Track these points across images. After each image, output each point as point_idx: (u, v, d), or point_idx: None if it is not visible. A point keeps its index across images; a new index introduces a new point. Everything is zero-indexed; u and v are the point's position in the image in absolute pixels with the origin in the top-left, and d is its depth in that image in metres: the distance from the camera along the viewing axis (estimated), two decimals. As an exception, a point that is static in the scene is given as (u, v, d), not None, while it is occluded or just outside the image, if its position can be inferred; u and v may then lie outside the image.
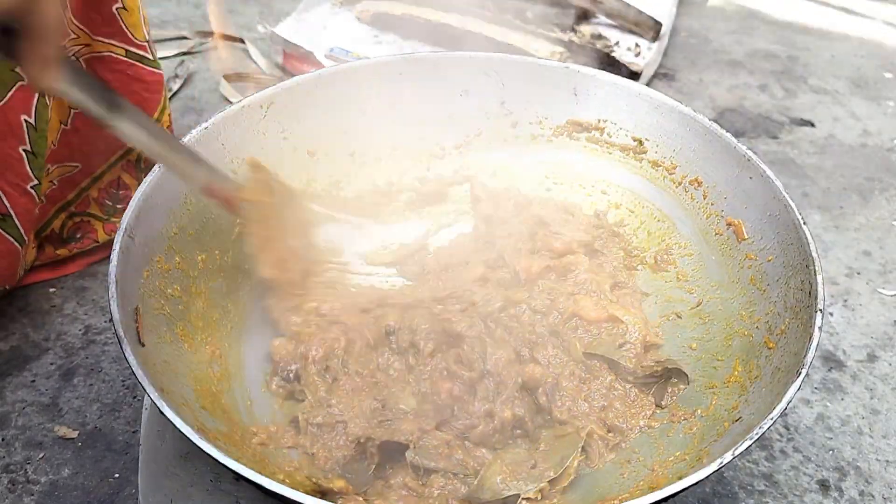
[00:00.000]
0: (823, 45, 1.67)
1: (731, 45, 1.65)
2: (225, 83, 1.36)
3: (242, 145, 0.79)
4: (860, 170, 1.31)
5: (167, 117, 1.00)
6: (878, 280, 1.09)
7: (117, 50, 0.90)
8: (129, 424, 0.84)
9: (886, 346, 0.99)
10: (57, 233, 0.97)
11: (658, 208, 0.85)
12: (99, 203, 1.00)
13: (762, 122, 1.42)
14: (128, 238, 0.65)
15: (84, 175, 0.97)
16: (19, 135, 0.82)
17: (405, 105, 0.88)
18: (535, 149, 0.90)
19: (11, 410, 0.85)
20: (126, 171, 1.00)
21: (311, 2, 1.50)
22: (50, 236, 0.97)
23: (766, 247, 0.74)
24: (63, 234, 0.98)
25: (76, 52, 0.87)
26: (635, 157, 0.86)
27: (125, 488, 0.78)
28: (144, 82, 0.94)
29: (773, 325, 0.69)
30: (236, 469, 0.51)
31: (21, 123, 0.82)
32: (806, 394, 0.92)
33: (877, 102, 1.49)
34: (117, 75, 0.91)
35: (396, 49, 1.39)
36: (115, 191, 1.00)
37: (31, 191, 0.86)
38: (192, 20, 1.57)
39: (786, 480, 0.82)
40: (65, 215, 0.98)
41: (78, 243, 0.99)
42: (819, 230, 1.17)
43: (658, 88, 1.09)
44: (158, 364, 0.61)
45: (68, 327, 0.94)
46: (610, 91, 0.86)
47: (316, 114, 0.84)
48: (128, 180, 1.01)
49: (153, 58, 0.94)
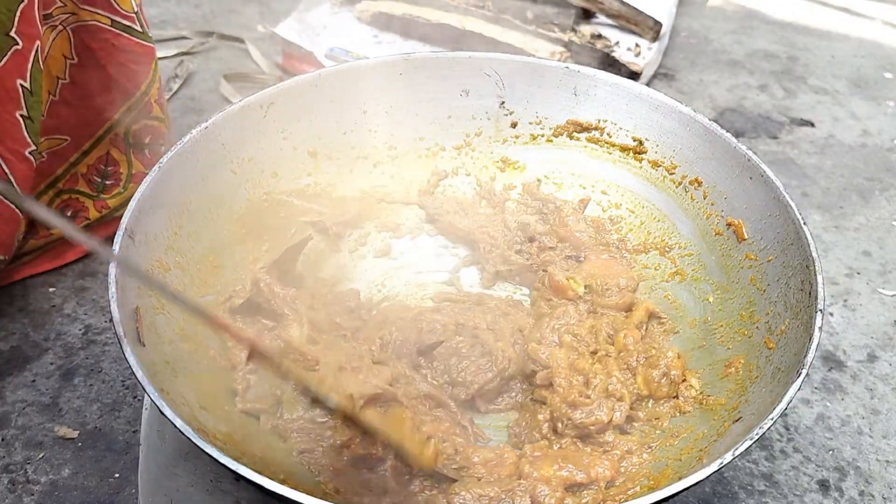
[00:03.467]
0: (823, 45, 1.67)
1: (731, 45, 1.65)
2: (225, 83, 1.36)
3: (242, 145, 0.79)
4: (860, 170, 1.31)
5: (156, 90, 0.99)
6: (878, 280, 1.09)
7: (102, 19, 0.90)
8: (129, 424, 0.84)
9: (886, 346, 0.99)
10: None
11: (658, 208, 0.85)
12: (87, 180, 1.00)
13: (762, 122, 1.42)
14: (128, 238, 0.65)
15: (73, 149, 0.97)
16: (16, 99, 0.82)
17: (405, 105, 0.88)
18: (535, 149, 0.90)
19: (11, 410, 0.85)
20: (114, 145, 1.00)
21: (311, 2, 1.50)
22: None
23: (766, 247, 0.74)
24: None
25: (63, 20, 0.87)
26: (635, 157, 0.86)
27: (125, 488, 0.78)
28: (131, 53, 0.94)
29: (773, 325, 0.69)
30: (236, 469, 0.51)
31: (17, 88, 0.82)
32: (806, 394, 0.92)
33: (877, 102, 1.49)
34: (102, 44, 0.91)
35: (396, 49, 1.39)
36: (104, 167, 1.00)
37: (30, 156, 0.86)
38: (192, 20, 1.57)
39: (786, 480, 0.82)
40: (53, 192, 0.97)
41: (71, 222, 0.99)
42: (819, 230, 1.17)
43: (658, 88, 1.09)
44: (158, 364, 0.61)
45: (68, 327, 0.94)
46: (610, 91, 0.86)
47: (316, 114, 0.84)
48: (116, 156, 1.00)
49: (142, 29, 0.94)
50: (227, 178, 0.78)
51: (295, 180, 0.84)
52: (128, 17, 0.91)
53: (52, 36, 0.87)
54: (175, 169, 0.73)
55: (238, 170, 0.79)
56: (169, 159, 0.72)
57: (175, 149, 0.73)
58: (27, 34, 0.79)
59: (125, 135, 0.99)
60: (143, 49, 0.94)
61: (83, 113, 0.94)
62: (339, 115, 0.86)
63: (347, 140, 0.87)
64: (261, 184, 0.81)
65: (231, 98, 1.33)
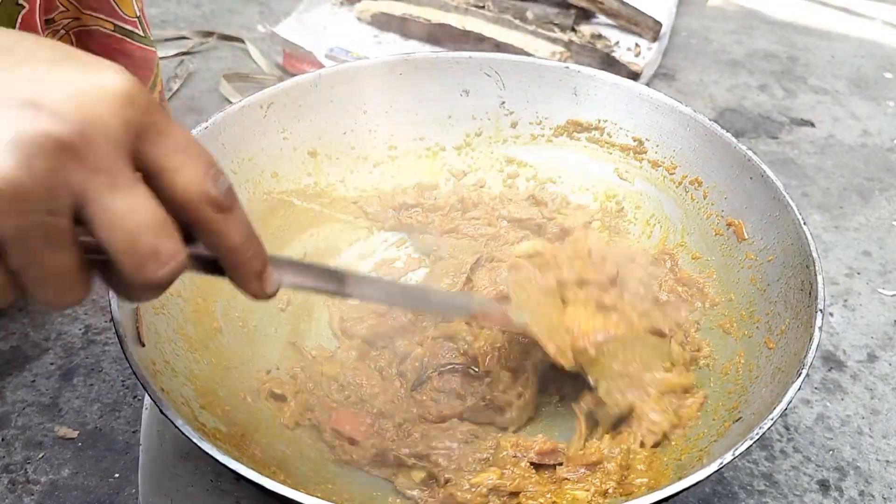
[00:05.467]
0: (823, 45, 1.67)
1: (731, 45, 1.65)
2: (225, 83, 1.36)
3: (242, 145, 0.79)
4: (860, 170, 1.31)
5: (158, 95, 0.98)
6: (878, 280, 1.09)
7: (105, 24, 0.89)
8: (129, 424, 0.84)
9: (886, 346, 0.99)
10: None
11: (658, 208, 0.85)
12: None
13: (762, 122, 1.42)
14: (128, 238, 0.64)
15: None
16: None
17: (405, 105, 0.88)
18: (535, 149, 0.90)
19: (11, 410, 0.85)
20: None
21: (311, 2, 1.50)
22: None
23: (766, 247, 0.74)
24: None
25: (65, 24, 0.87)
26: (635, 157, 0.86)
27: (125, 488, 0.78)
28: (133, 58, 0.93)
29: (773, 325, 0.69)
30: (236, 469, 0.51)
31: None
32: (806, 394, 0.92)
33: (877, 102, 1.49)
34: (105, 49, 0.91)
35: (396, 49, 1.39)
36: None
37: None
38: (192, 20, 1.57)
39: (786, 480, 0.82)
40: None
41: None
42: (819, 230, 1.17)
43: (658, 88, 1.09)
44: (158, 364, 0.61)
45: (68, 327, 0.94)
46: (610, 91, 0.86)
47: (316, 114, 0.84)
48: None
49: (144, 34, 0.93)
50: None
51: (295, 180, 0.84)
52: (130, 21, 0.91)
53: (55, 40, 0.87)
54: (175, 169, 0.72)
55: (238, 170, 0.79)
56: (169, 159, 0.72)
57: (175, 149, 0.73)
58: None
59: None
60: (143, 53, 0.94)
61: None
62: (339, 115, 0.86)
63: (347, 140, 0.87)
64: (261, 184, 0.81)
65: (231, 98, 1.33)
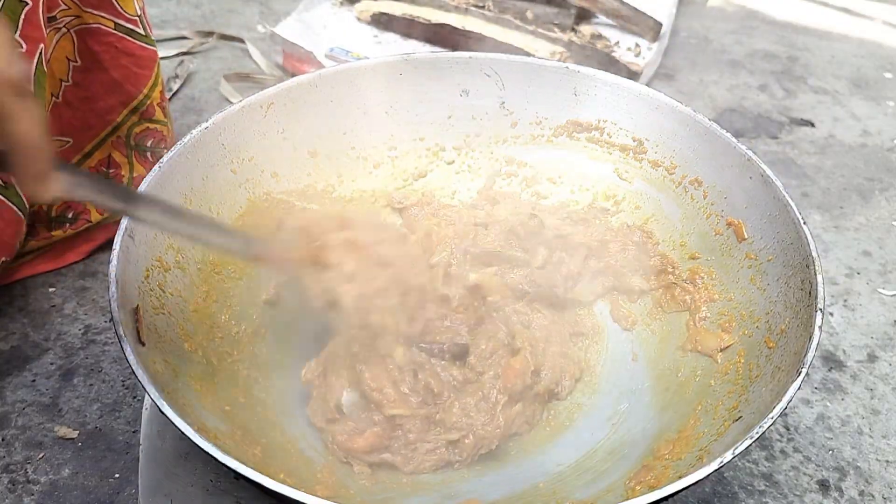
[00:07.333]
0: (823, 45, 1.67)
1: (731, 45, 1.65)
2: (225, 83, 1.36)
3: (242, 145, 0.79)
4: (860, 170, 1.31)
5: (158, 94, 0.99)
6: (878, 280, 1.09)
7: (106, 22, 0.90)
8: (129, 424, 0.84)
9: (886, 346, 0.99)
10: (45, 211, 0.97)
11: (658, 208, 0.85)
12: None
13: (762, 122, 1.42)
14: (128, 238, 0.65)
15: (74, 151, 0.96)
16: None
17: (405, 105, 0.88)
18: (535, 149, 0.90)
19: (11, 410, 0.85)
20: (116, 148, 0.99)
21: (311, 2, 1.50)
22: (38, 214, 0.96)
23: (766, 247, 0.74)
24: (51, 212, 0.97)
25: (67, 22, 0.87)
26: (635, 157, 0.86)
27: (125, 488, 0.78)
28: (134, 56, 0.93)
29: (773, 325, 0.69)
30: (236, 469, 0.51)
31: None
32: (806, 394, 0.92)
33: (877, 102, 1.49)
34: (106, 48, 0.91)
35: (396, 49, 1.39)
36: (106, 169, 1.00)
37: None
38: (192, 20, 1.57)
39: (786, 480, 0.82)
40: None
41: (72, 225, 0.98)
42: (819, 230, 1.17)
43: (658, 88, 1.09)
44: (158, 364, 0.61)
45: (68, 327, 0.94)
46: (610, 91, 0.86)
47: (316, 114, 0.84)
48: (118, 158, 1.00)
49: (145, 33, 0.94)
50: (227, 177, 0.78)
51: (295, 180, 0.84)
52: (131, 20, 0.91)
53: (55, 38, 0.87)
54: (175, 169, 0.73)
55: (238, 170, 0.79)
56: (169, 159, 0.72)
57: (175, 149, 0.73)
58: (31, 37, 0.79)
59: (127, 138, 0.99)
60: (144, 52, 0.94)
61: (85, 115, 0.94)
62: (339, 115, 0.86)
63: (347, 140, 0.87)
64: (261, 184, 0.81)
65: (231, 98, 1.33)
